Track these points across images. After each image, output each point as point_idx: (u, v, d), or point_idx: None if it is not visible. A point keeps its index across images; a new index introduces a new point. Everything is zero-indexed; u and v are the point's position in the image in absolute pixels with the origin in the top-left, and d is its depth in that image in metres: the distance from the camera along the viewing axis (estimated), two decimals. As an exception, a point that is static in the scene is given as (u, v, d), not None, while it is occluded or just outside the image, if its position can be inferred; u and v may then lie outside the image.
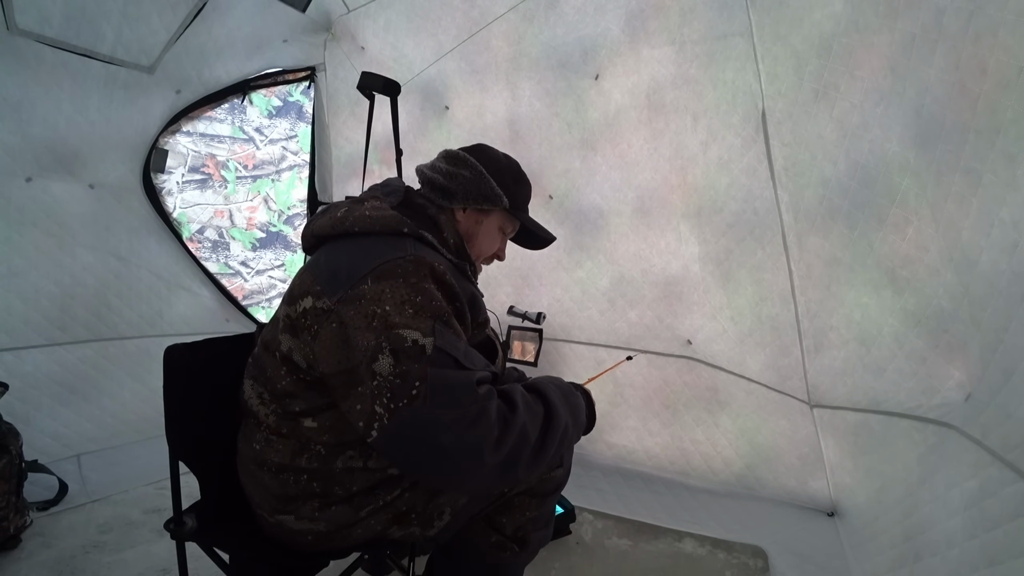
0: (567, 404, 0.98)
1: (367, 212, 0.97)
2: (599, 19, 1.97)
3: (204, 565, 1.05)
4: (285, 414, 0.95)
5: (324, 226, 1.00)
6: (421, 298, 0.85)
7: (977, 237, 1.12)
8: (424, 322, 0.84)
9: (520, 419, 0.85)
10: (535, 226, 1.24)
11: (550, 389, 0.97)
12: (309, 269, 0.96)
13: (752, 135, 1.74)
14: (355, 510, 0.95)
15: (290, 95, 2.98)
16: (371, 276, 0.86)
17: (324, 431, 0.93)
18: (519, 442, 0.84)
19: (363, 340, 0.82)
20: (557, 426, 0.92)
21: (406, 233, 0.96)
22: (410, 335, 0.82)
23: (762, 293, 1.84)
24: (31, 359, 2.02)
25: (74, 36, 1.83)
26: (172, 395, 1.04)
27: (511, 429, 0.83)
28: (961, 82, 1.10)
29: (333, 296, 0.86)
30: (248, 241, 3.03)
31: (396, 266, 0.87)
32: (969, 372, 1.25)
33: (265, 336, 1.01)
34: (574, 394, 1.04)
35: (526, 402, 0.89)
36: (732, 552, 1.75)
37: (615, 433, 2.28)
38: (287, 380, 0.93)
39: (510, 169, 1.21)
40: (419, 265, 0.89)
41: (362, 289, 0.85)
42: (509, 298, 2.47)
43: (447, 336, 0.85)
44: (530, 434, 0.86)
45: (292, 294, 0.94)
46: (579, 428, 1.03)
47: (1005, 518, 0.98)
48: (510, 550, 1.12)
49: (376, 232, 0.95)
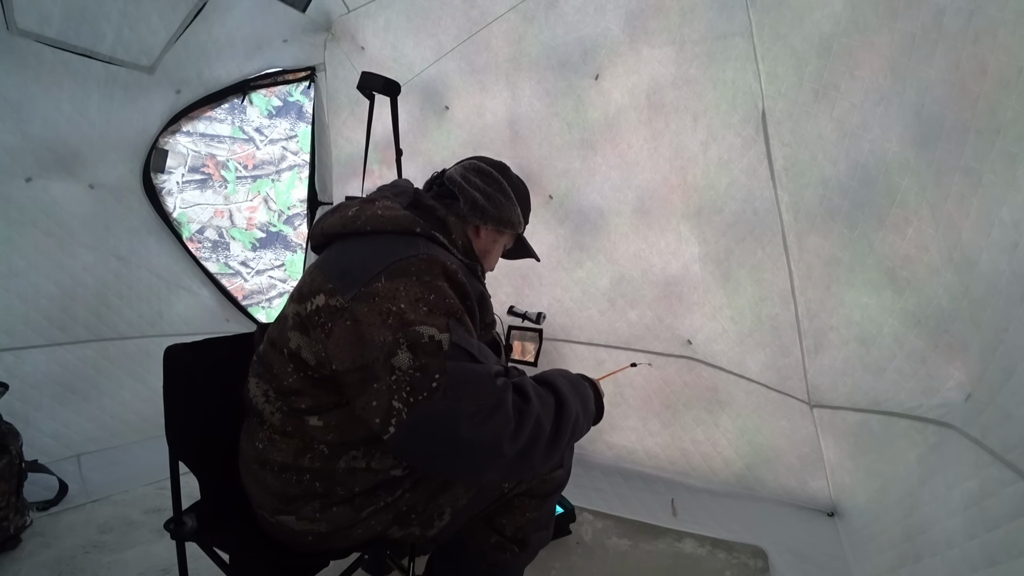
0: (576, 394, 0.99)
1: (379, 211, 0.98)
2: (599, 19, 1.97)
3: (204, 565, 1.05)
4: (290, 411, 0.95)
5: (335, 224, 1.00)
6: (435, 296, 0.86)
7: (977, 237, 1.12)
8: (439, 319, 0.84)
9: (535, 410, 0.86)
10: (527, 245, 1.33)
11: (559, 380, 0.98)
12: (319, 267, 0.95)
13: (752, 135, 1.74)
14: (356, 511, 0.95)
15: (290, 95, 2.98)
16: (384, 274, 0.86)
17: (329, 430, 0.93)
18: (535, 432, 0.85)
19: (379, 337, 0.82)
20: (569, 415, 0.93)
21: (418, 233, 0.96)
22: (426, 331, 0.82)
23: (762, 293, 1.84)
24: (31, 359, 2.01)
25: (74, 36, 1.83)
26: (172, 395, 1.04)
27: (527, 420, 0.84)
28: (961, 82, 1.10)
29: (347, 294, 0.86)
30: (248, 241, 3.03)
31: (409, 264, 0.88)
32: (969, 372, 1.25)
33: (271, 333, 1.01)
34: (582, 384, 1.06)
35: (538, 393, 0.90)
36: (732, 552, 1.75)
37: (615, 433, 2.28)
38: (294, 377, 0.93)
39: (526, 196, 1.29)
40: (432, 264, 0.89)
41: (376, 287, 0.85)
42: (509, 298, 2.47)
43: (461, 332, 0.86)
44: (544, 424, 0.87)
45: (302, 292, 0.94)
46: (589, 417, 1.05)
47: (1005, 518, 0.98)
48: (510, 551, 1.12)
49: (388, 231, 0.96)
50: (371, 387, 0.82)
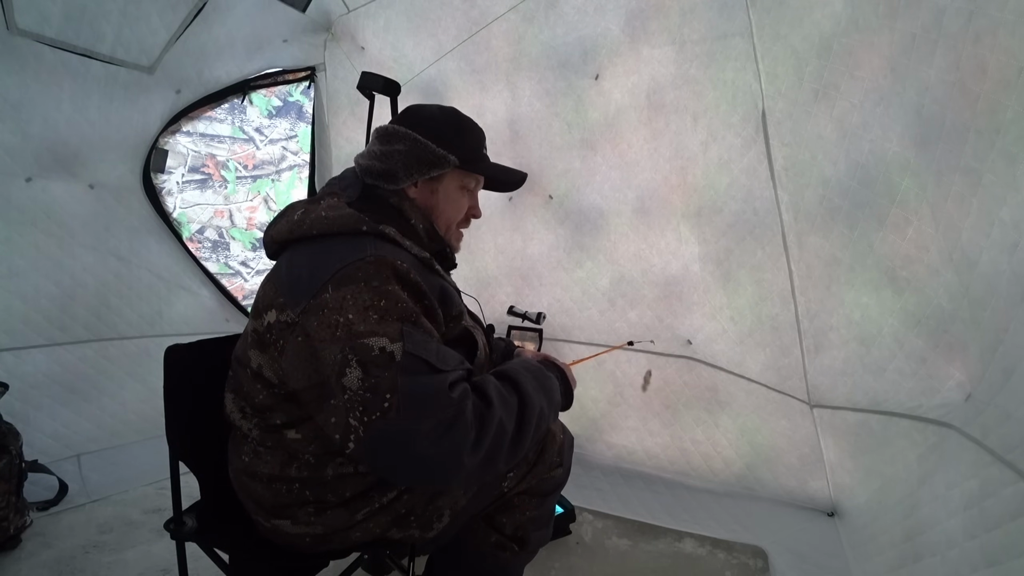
0: (541, 388, 0.96)
1: (323, 213, 0.93)
2: (599, 19, 1.97)
3: (204, 565, 1.05)
4: (268, 427, 0.93)
5: (283, 231, 0.95)
6: (385, 302, 0.82)
7: (977, 237, 1.12)
8: (391, 326, 0.81)
9: (496, 414, 0.84)
10: (499, 171, 1.15)
11: (521, 375, 0.95)
12: (271, 279, 0.93)
13: (752, 135, 1.74)
14: (351, 513, 0.94)
15: (290, 95, 2.97)
16: (332, 283, 0.82)
17: (309, 441, 0.91)
18: (497, 437, 0.83)
19: (329, 354, 0.79)
20: (532, 413, 0.90)
21: (365, 232, 0.91)
22: (376, 343, 0.79)
23: (762, 293, 1.84)
24: (31, 359, 2.01)
25: (74, 36, 1.83)
26: (172, 395, 1.04)
27: (488, 426, 0.82)
28: (961, 82, 1.10)
29: (296, 308, 0.83)
30: (248, 241, 3.03)
31: (356, 270, 0.83)
32: (969, 372, 1.25)
33: (237, 351, 0.99)
34: (546, 376, 1.02)
35: (500, 394, 0.87)
36: (732, 552, 1.75)
37: (615, 433, 2.28)
38: (263, 394, 0.92)
39: (448, 122, 1.09)
40: (380, 266, 0.85)
41: (324, 298, 0.81)
42: (509, 298, 2.47)
43: (416, 338, 0.82)
44: (507, 426, 0.85)
45: (257, 307, 0.92)
46: (554, 408, 1.01)
47: (1005, 518, 0.98)
48: (510, 550, 1.12)
49: (334, 233, 0.91)
50: (328, 403, 0.80)
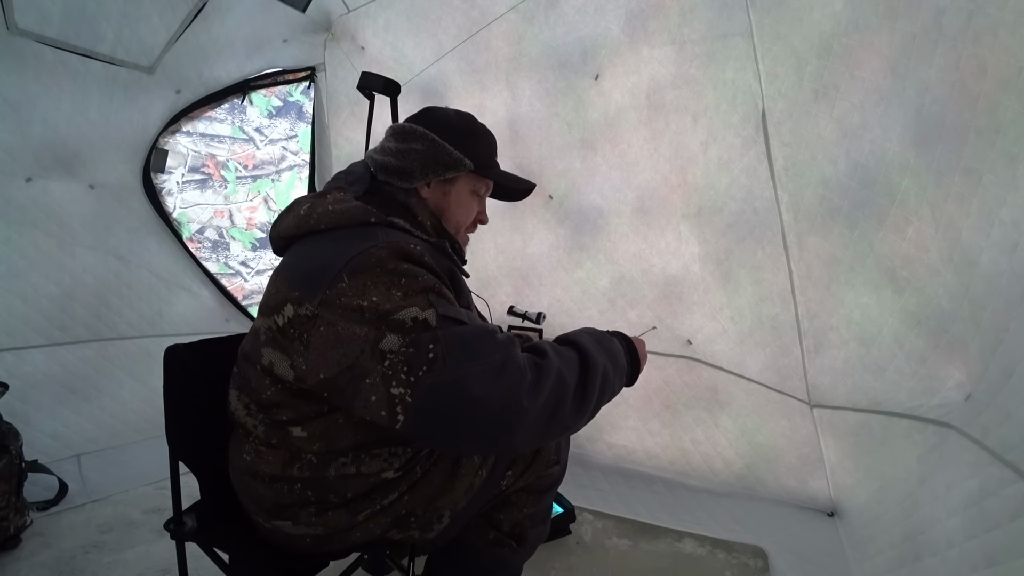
0: (602, 349, 0.93)
1: (330, 207, 0.93)
2: (599, 19, 1.97)
3: (204, 565, 1.05)
4: (273, 424, 0.92)
5: (289, 227, 0.96)
6: (405, 280, 0.81)
7: (977, 237, 1.12)
8: (417, 298, 0.80)
9: (553, 363, 0.81)
10: (510, 179, 1.16)
11: (580, 336, 0.94)
12: (281, 274, 0.92)
13: (752, 135, 1.74)
14: (352, 514, 0.94)
15: (290, 95, 2.97)
16: (346, 272, 0.81)
17: (314, 440, 0.90)
18: (557, 385, 0.80)
19: (359, 332, 0.78)
20: (595, 370, 0.87)
21: (374, 223, 0.91)
22: (407, 314, 0.78)
23: (762, 293, 1.84)
24: (31, 359, 2.01)
25: (74, 36, 1.83)
26: (172, 395, 1.04)
27: (545, 373, 0.79)
28: (961, 82, 1.10)
29: (314, 300, 0.82)
30: (248, 241, 3.03)
31: (370, 257, 0.82)
32: (969, 372, 1.25)
33: (244, 347, 0.99)
34: (608, 339, 1.00)
35: (555, 349, 0.86)
36: (732, 552, 1.75)
37: (615, 433, 2.27)
38: (272, 390, 0.91)
39: (465, 126, 1.13)
40: (393, 251, 0.84)
41: (341, 287, 0.81)
42: (509, 298, 2.47)
43: (445, 304, 0.81)
44: (567, 379, 0.82)
45: (269, 304, 0.91)
46: (620, 372, 0.97)
47: (1005, 518, 0.98)
48: (508, 546, 1.12)
49: (342, 225, 0.91)
50: (364, 383, 0.77)
